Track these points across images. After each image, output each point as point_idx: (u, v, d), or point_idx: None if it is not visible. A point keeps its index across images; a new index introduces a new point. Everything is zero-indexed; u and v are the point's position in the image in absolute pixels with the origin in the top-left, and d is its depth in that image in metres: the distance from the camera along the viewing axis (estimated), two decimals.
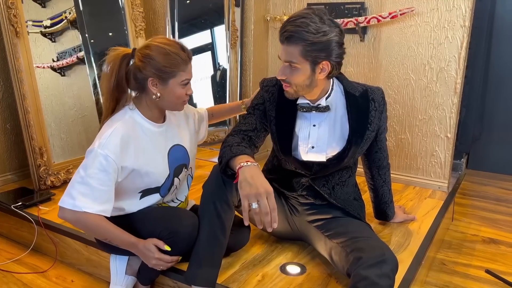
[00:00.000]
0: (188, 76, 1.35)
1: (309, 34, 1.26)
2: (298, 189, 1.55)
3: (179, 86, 1.34)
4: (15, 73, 2.08)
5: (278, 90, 1.49)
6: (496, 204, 2.61)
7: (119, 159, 1.27)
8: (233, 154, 1.29)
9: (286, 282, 1.44)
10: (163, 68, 1.31)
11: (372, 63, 2.48)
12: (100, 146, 1.25)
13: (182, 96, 1.37)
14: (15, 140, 2.36)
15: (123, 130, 1.31)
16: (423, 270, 1.66)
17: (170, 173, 1.44)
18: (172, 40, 1.37)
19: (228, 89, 2.89)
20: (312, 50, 1.28)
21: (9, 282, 1.67)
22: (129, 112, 1.37)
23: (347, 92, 1.46)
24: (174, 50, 1.32)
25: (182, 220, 1.34)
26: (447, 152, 2.33)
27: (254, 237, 1.73)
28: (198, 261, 1.33)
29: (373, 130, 1.49)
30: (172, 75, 1.32)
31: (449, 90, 2.26)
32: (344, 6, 2.47)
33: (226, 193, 1.35)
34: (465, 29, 2.17)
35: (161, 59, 1.30)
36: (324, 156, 1.47)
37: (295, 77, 1.33)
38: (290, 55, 1.30)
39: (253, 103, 1.55)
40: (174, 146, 1.46)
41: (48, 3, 2.30)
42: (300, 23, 1.26)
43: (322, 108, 1.43)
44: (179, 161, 1.47)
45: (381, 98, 1.50)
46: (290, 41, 1.28)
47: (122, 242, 1.33)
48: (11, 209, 1.92)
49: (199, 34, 2.91)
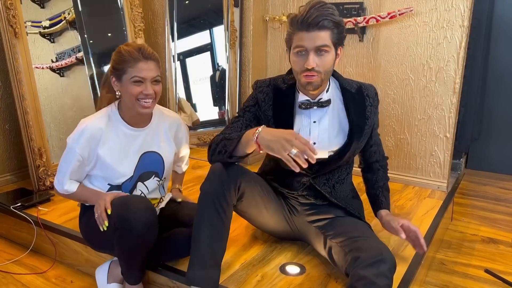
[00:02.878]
0: (137, 73, 1.37)
1: (336, 18, 1.32)
2: (299, 189, 1.55)
3: (130, 83, 1.38)
4: (14, 74, 2.07)
5: (272, 89, 1.51)
6: (495, 203, 2.61)
7: (85, 152, 1.41)
8: (236, 138, 1.33)
9: (286, 282, 1.44)
10: (115, 65, 1.41)
11: (371, 63, 2.48)
12: (73, 140, 1.41)
13: (135, 94, 1.38)
14: (14, 141, 2.36)
15: (96, 127, 1.41)
16: (422, 270, 1.66)
17: (133, 175, 1.49)
18: (136, 43, 1.44)
19: (227, 89, 2.90)
20: (337, 34, 1.35)
21: (8, 283, 1.66)
22: (110, 111, 1.47)
23: (343, 88, 1.50)
24: (127, 49, 1.39)
25: (132, 205, 1.32)
26: (446, 152, 2.34)
27: (253, 238, 1.73)
28: (199, 261, 1.32)
29: (370, 125, 1.52)
30: (123, 71, 1.39)
31: (448, 90, 2.26)
32: (343, 6, 2.47)
33: (225, 193, 1.35)
34: (464, 29, 2.17)
35: (114, 57, 1.42)
36: (326, 152, 1.48)
37: (326, 62, 1.35)
38: (322, 40, 1.32)
39: (244, 105, 1.56)
40: (148, 152, 1.51)
41: (47, 3, 2.29)
42: (327, 8, 1.31)
43: (324, 103, 1.44)
44: (148, 168, 1.52)
45: (374, 94, 1.54)
46: (322, 26, 1.31)
47: (88, 198, 1.47)
48: (10, 210, 1.92)
49: (198, 34, 2.91)
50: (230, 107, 2.93)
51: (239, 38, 2.82)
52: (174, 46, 2.75)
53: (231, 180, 1.36)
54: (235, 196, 1.39)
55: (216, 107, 3.00)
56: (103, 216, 1.34)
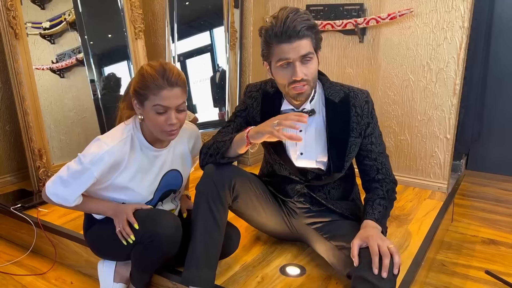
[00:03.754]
0: (160, 102, 1.25)
1: (312, 22, 1.30)
2: (294, 196, 1.54)
3: (152, 112, 1.27)
4: (14, 75, 2.07)
5: (261, 95, 1.49)
6: (495, 205, 2.61)
7: (102, 176, 1.30)
8: (229, 139, 1.34)
9: (286, 284, 1.43)
10: (137, 89, 1.29)
11: (371, 64, 2.48)
12: (91, 163, 1.26)
13: (159, 123, 1.28)
14: (14, 142, 2.36)
15: (120, 151, 1.30)
16: (422, 271, 1.65)
17: (154, 198, 1.43)
18: (162, 65, 1.29)
19: (227, 90, 2.90)
20: (316, 39, 1.33)
21: (8, 284, 1.66)
22: (133, 130, 1.36)
23: (326, 98, 1.43)
24: (151, 73, 1.26)
25: (164, 223, 1.30)
26: (446, 153, 2.34)
27: (253, 239, 1.73)
28: (194, 262, 1.32)
29: (357, 136, 1.43)
30: (145, 97, 1.27)
31: (448, 91, 2.26)
32: (343, 7, 2.48)
33: (220, 193, 1.35)
34: (464, 30, 2.17)
35: (137, 79, 1.30)
36: (314, 162, 1.45)
37: (312, 70, 1.33)
38: (304, 48, 1.29)
39: (235, 109, 1.55)
40: (169, 171, 1.44)
41: (47, 5, 2.30)
42: (303, 14, 1.29)
43: (307, 113, 1.40)
44: (167, 187, 1.46)
45: (363, 102, 1.42)
46: (302, 35, 1.28)
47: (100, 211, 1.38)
48: (10, 211, 1.92)
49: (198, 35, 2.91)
50: (230, 108, 2.93)
51: (239, 39, 2.82)
52: (175, 47, 2.75)
53: (225, 179, 1.36)
54: (230, 196, 1.39)
55: (216, 108, 3.00)
56: (128, 231, 1.29)
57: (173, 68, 1.29)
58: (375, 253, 1.17)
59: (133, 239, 1.29)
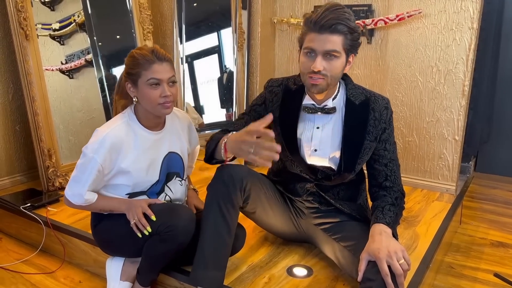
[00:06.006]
0: (152, 75, 1.34)
1: (351, 24, 1.28)
2: (303, 195, 1.54)
3: (147, 87, 1.35)
4: (25, 76, 2.10)
5: (282, 90, 1.50)
6: (504, 207, 2.59)
7: (106, 162, 1.35)
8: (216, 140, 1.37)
9: (293, 284, 1.43)
10: (129, 70, 1.37)
11: (379, 65, 2.48)
12: (93, 151, 1.34)
13: (155, 98, 1.35)
14: (24, 142, 2.39)
15: (116, 135, 1.37)
16: (430, 273, 1.64)
17: (160, 179, 1.46)
18: (148, 46, 1.41)
19: (235, 91, 2.90)
20: (350, 41, 1.30)
21: (17, 282, 1.68)
22: (128, 117, 1.43)
23: (347, 98, 1.43)
24: (140, 52, 1.36)
25: (180, 214, 1.34)
26: (455, 154, 2.32)
27: (261, 239, 1.73)
28: (203, 262, 1.32)
29: (372, 140, 1.42)
30: (138, 75, 1.36)
31: (457, 92, 2.25)
32: (351, 8, 2.47)
33: (231, 194, 1.35)
34: (473, 31, 2.16)
35: (127, 62, 1.39)
36: (327, 160, 1.45)
37: (334, 67, 1.31)
38: (332, 44, 1.28)
39: (252, 103, 1.55)
40: (169, 153, 1.49)
41: (57, 6, 2.32)
42: (343, 12, 1.27)
43: (328, 110, 1.41)
44: (171, 169, 1.50)
45: (383, 108, 1.42)
46: (335, 30, 1.27)
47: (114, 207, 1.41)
48: (20, 210, 1.93)
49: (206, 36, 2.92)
50: (237, 109, 2.93)
51: (247, 40, 2.83)
52: (182, 48, 2.77)
53: (237, 181, 1.36)
54: (241, 198, 1.39)
55: (224, 109, 3.01)
56: (144, 222, 1.32)
57: (160, 48, 1.40)
58: (385, 274, 1.14)
59: (149, 230, 1.32)
